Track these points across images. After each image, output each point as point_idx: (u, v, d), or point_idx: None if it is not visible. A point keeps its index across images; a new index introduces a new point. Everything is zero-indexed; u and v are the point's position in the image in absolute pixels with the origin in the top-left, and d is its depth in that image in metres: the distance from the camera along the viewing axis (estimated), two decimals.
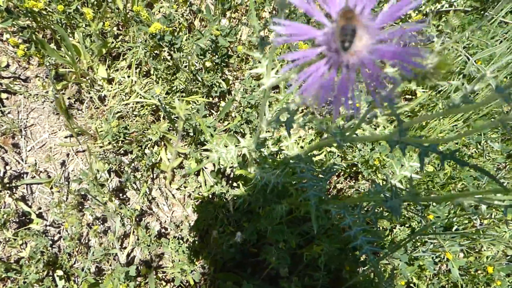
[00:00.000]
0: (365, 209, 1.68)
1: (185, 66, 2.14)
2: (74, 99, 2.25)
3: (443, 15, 2.62)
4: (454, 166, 1.99)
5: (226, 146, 1.46)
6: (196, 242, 2.00)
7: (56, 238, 2.08)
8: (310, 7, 0.57)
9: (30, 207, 2.08)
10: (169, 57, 2.21)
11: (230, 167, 2.00)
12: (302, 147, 1.72)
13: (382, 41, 0.56)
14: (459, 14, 1.33)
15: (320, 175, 1.47)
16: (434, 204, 1.76)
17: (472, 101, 0.70)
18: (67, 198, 2.11)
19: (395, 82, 0.54)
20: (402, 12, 0.54)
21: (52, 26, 2.16)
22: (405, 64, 0.53)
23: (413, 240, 1.79)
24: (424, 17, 2.40)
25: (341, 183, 2.35)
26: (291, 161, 1.39)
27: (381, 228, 2.13)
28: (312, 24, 2.34)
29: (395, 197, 1.12)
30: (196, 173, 2.15)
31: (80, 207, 2.10)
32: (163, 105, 1.97)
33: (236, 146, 1.26)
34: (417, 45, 0.53)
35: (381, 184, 1.27)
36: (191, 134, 2.13)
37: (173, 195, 2.22)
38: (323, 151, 1.37)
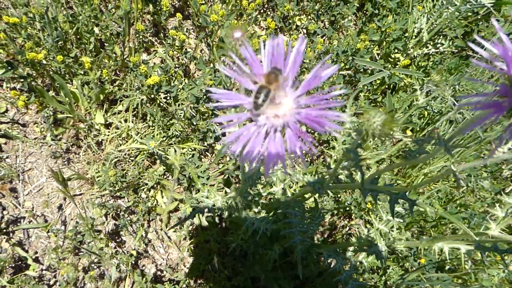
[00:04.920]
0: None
1: (181, 113, 2.20)
2: (71, 144, 2.30)
3: (430, 56, 2.72)
4: (444, 206, 2.02)
5: (220, 191, 1.50)
6: (192, 286, 2.01)
7: (52, 282, 2.08)
8: (237, 75, 0.63)
9: (27, 251, 2.10)
10: (165, 103, 2.27)
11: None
12: (294, 191, 1.75)
13: (305, 106, 0.63)
14: (440, 71, 1.40)
15: (310, 220, 1.51)
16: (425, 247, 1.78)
17: (426, 152, 0.76)
18: (63, 243, 2.12)
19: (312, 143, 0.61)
20: (319, 80, 0.61)
21: (51, 74, 2.24)
22: (326, 127, 0.59)
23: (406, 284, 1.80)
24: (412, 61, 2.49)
25: (335, 222, 2.38)
26: (280, 206, 1.42)
27: (374, 267, 2.14)
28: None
29: (380, 242, 1.16)
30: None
31: (77, 250, 2.12)
32: (158, 155, 2.02)
33: (222, 197, 1.30)
34: (335, 109, 0.60)
35: (367, 229, 1.30)
36: (186, 182, 2.17)
37: (169, 237, 2.24)
38: (311, 196, 1.41)
